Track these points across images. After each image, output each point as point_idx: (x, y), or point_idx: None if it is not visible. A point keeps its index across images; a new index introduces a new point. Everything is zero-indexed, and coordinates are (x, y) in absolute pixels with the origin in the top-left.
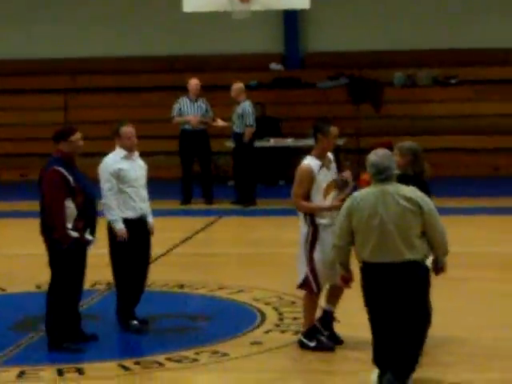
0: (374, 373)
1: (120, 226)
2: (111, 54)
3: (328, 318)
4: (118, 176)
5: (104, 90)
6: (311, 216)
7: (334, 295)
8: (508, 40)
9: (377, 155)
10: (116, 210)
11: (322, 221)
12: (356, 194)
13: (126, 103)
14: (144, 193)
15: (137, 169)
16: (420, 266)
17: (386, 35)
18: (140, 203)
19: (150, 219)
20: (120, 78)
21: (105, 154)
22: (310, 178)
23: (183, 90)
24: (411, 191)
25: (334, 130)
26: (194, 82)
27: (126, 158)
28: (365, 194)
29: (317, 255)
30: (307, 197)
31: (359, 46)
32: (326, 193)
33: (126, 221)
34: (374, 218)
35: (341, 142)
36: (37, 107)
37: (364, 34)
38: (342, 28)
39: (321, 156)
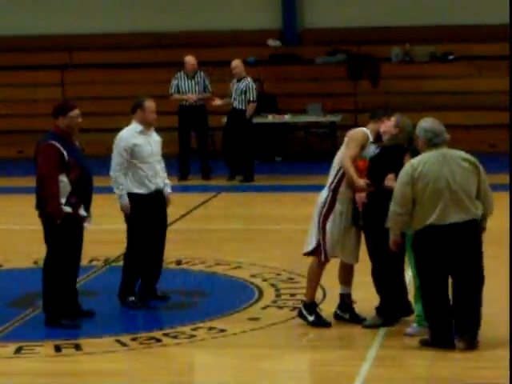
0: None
1: (125, 201)
2: (109, 30)
3: (346, 301)
4: (133, 151)
5: (101, 66)
6: (337, 184)
7: (347, 276)
8: (506, 16)
9: (429, 121)
10: (123, 185)
11: (342, 189)
12: (414, 160)
13: (124, 79)
14: (159, 167)
15: (152, 143)
16: (478, 224)
17: (384, 11)
18: (154, 178)
19: (169, 190)
20: (117, 54)
21: (101, 130)
22: (365, 142)
23: (181, 66)
24: (464, 153)
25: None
26: (189, 60)
27: (143, 132)
28: (425, 158)
29: (329, 225)
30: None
31: (356, 22)
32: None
33: (138, 196)
34: (440, 180)
35: (338, 118)
36: (34, 83)
37: (361, 9)
38: (340, 4)
39: (374, 135)
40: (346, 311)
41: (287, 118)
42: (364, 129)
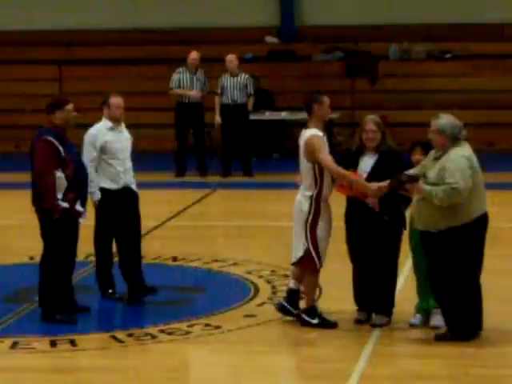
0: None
1: (97, 197)
2: (107, 25)
3: (296, 296)
4: (104, 148)
5: (99, 62)
6: (319, 190)
7: (302, 273)
8: (503, 15)
9: (451, 117)
10: (95, 182)
11: (324, 195)
12: (467, 153)
13: (121, 75)
14: (129, 164)
15: (122, 140)
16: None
17: (382, 9)
18: (124, 174)
19: (134, 189)
20: (115, 49)
21: None
22: (325, 146)
23: (179, 62)
24: None
25: (327, 99)
26: (192, 56)
27: (112, 129)
28: (471, 151)
29: (319, 233)
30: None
31: (354, 20)
32: None
33: (109, 192)
34: (480, 172)
35: (336, 115)
36: (31, 78)
37: (359, 7)
38: (338, 1)
39: (319, 126)
40: (296, 307)
41: (284, 114)
42: (314, 132)
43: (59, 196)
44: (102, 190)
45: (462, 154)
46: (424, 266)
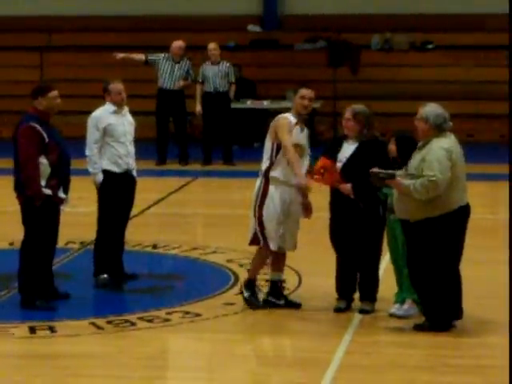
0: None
1: (99, 179)
2: (89, 12)
3: (277, 287)
4: (106, 130)
5: (80, 49)
6: (268, 167)
7: (279, 263)
8: (485, 5)
9: (437, 106)
10: (98, 164)
11: (274, 174)
12: (446, 145)
13: (103, 62)
14: (131, 148)
15: (125, 124)
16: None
17: None
18: (126, 158)
19: (134, 174)
20: (96, 36)
21: (80, 112)
22: (289, 128)
23: (160, 50)
24: None
25: (304, 91)
26: (175, 45)
27: (116, 112)
28: (452, 143)
29: (265, 211)
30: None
31: (337, 9)
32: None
33: (111, 174)
34: (463, 163)
35: (317, 104)
36: (13, 64)
37: None
38: None
39: (295, 115)
40: (280, 297)
41: (266, 103)
42: (283, 116)
43: (42, 183)
44: (105, 172)
45: (441, 146)
46: (400, 255)
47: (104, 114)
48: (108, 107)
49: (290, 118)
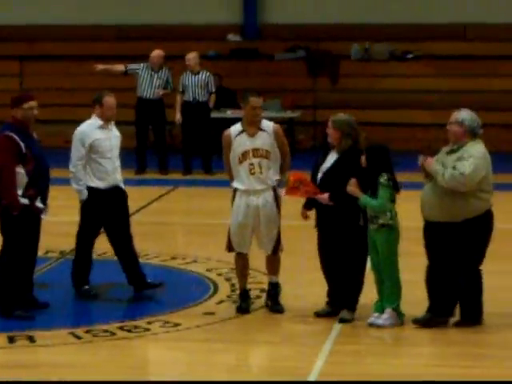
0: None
1: (84, 196)
2: (69, 21)
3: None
4: (92, 146)
5: (60, 58)
6: (231, 178)
7: (270, 265)
8: (465, 15)
9: (470, 112)
10: (83, 181)
11: (236, 185)
12: (483, 150)
13: (83, 71)
14: (117, 163)
15: (112, 138)
16: None
17: (344, 8)
18: (113, 174)
19: (123, 187)
20: (77, 45)
21: (60, 121)
22: (227, 142)
23: (141, 59)
24: None
25: (253, 100)
26: (154, 54)
27: (102, 127)
28: (483, 148)
29: (231, 218)
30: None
31: (317, 19)
32: (241, 159)
33: (97, 191)
34: (491, 171)
35: (297, 113)
36: None
37: (322, 6)
38: (301, 0)
39: (244, 123)
40: (276, 300)
41: None
42: (227, 130)
43: (19, 192)
44: (90, 189)
45: (479, 150)
46: (380, 265)
47: (90, 129)
48: (94, 121)
49: (230, 130)
